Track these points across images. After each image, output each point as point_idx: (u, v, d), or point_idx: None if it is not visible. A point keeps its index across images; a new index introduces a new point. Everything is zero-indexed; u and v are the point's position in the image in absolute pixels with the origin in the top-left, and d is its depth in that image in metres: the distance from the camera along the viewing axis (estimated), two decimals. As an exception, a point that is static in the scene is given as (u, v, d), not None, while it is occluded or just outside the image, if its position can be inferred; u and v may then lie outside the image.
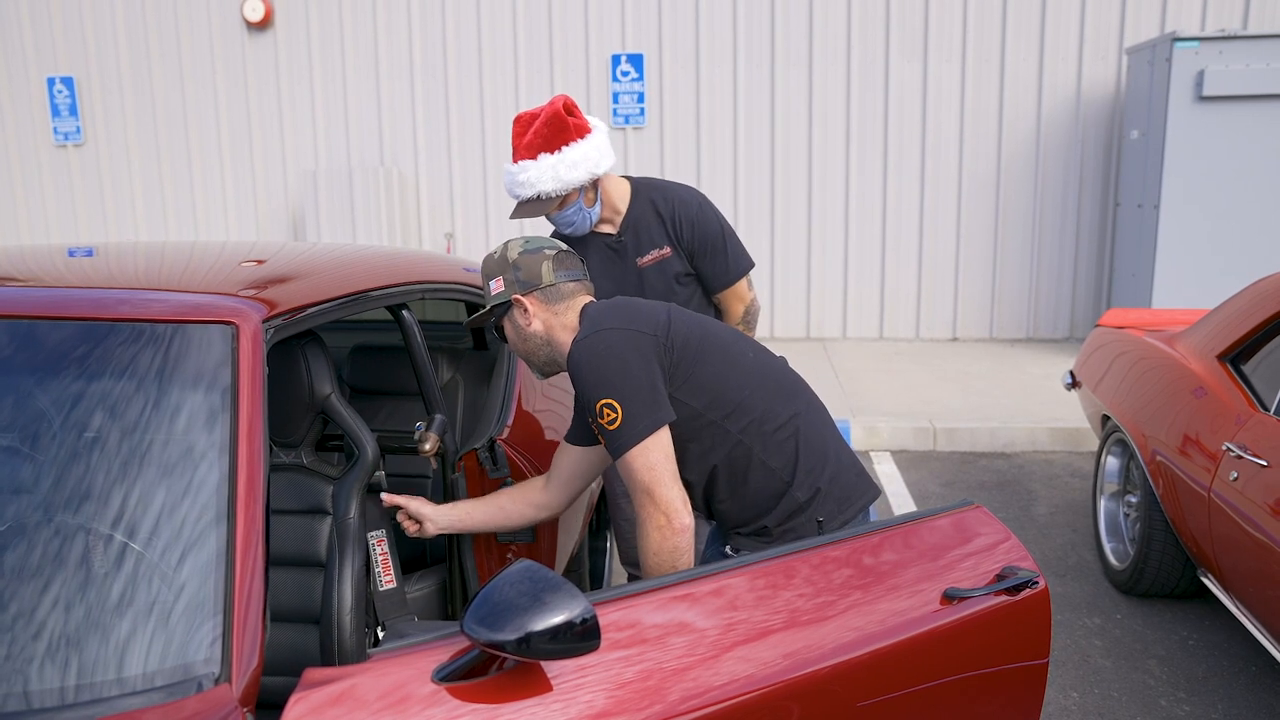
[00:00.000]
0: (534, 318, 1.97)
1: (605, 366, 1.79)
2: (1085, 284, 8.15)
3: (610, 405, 1.76)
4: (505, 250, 2.00)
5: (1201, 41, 6.53)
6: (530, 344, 2.00)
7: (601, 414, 1.77)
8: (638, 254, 2.51)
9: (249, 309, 1.61)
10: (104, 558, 1.35)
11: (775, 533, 1.93)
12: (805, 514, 1.92)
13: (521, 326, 1.98)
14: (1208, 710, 2.94)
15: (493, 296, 2.00)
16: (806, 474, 1.91)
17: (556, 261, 1.98)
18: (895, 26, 7.98)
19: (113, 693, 1.25)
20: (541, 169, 2.33)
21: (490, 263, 2.00)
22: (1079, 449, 5.55)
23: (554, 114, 2.35)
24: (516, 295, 1.96)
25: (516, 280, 1.97)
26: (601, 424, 1.78)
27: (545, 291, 1.96)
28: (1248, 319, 3.20)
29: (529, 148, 2.35)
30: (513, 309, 1.99)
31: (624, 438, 1.77)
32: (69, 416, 1.47)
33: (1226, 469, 2.91)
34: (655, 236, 2.50)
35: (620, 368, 1.79)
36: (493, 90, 8.47)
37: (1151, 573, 3.52)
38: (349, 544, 1.96)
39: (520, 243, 2.00)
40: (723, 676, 1.48)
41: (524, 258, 1.97)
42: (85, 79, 8.93)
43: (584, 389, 1.81)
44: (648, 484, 1.77)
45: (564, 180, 2.35)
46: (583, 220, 2.47)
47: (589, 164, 2.37)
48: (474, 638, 1.27)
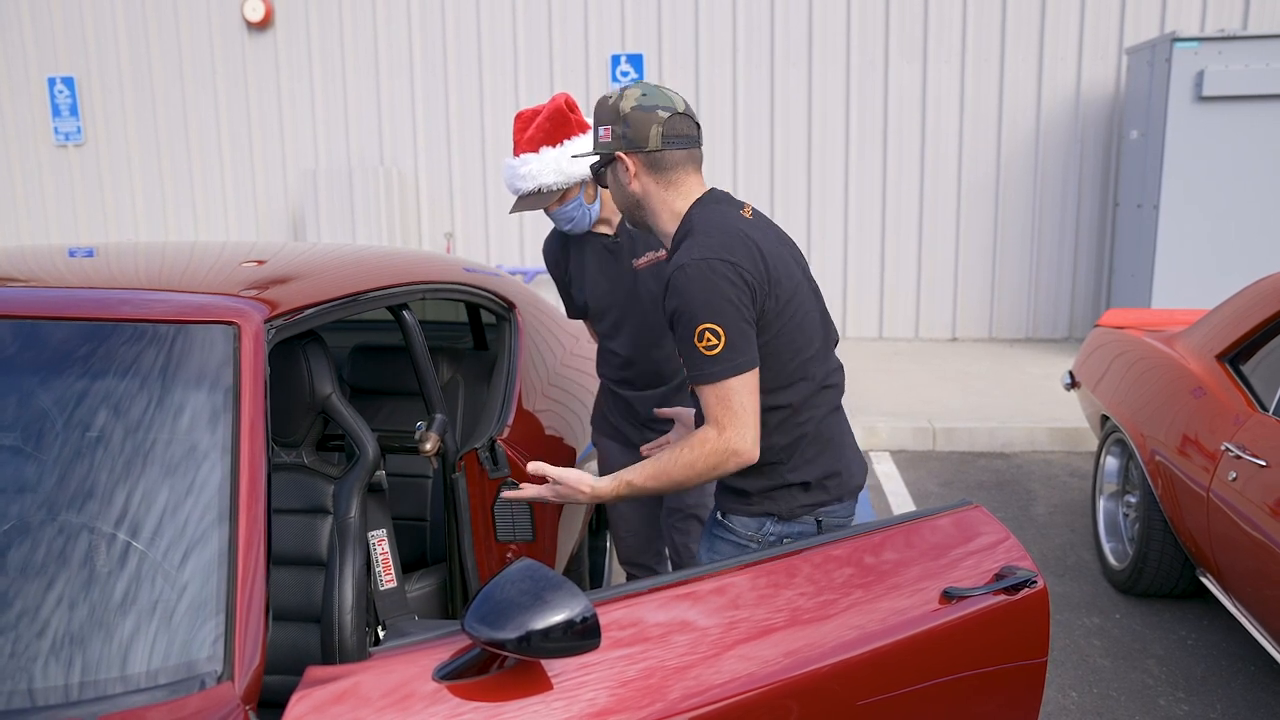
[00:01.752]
0: (635, 179, 1.90)
1: (718, 294, 1.75)
2: (1085, 284, 8.16)
3: (714, 331, 1.74)
4: (620, 99, 1.88)
5: (1201, 42, 6.54)
6: (626, 200, 1.95)
7: (701, 337, 1.74)
8: (634, 255, 2.51)
9: (251, 309, 1.62)
10: (107, 557, 1.36)
11: (755, 499, 1.94)
12: (790, 490, 1.93)
13: (622, 183, 1.93)
14: (1206, 710, 2.95)
15: (599, 144, 1.92)
16: (805, 462, 1.92)
17: (668, 125, 1.87)
18: (895, 27, 7.98)
19: (116, 690, 1.25)
20: (544, 162, 2.34)
21: (603, 107, 1.91)
22: (1078, 449, 5.56)
23: (556, 109, 2.37)
24: (620, 153, 1.89)
25: (624, 136, 1.87)
26: (698, 347, 1.75)
27: (650, 156, 1.88)
28: (1247, 319, 3.21)
29: (531, 141, 2.36)
30: (615, 162, 1.92)
31: (719, 366, 1.75)
32: (72, 416, 1.47)
33: (1225, 469, 2.91)
34: (651, 239, 2.50)
35: (732, 299, 1.76)
36: (492, 90, 8.48)
37: (1150, 572, 3.53)
38: (350, 543, 1.97)
39: (637, 93, 1.88)
40: (724, 675, 1.48)
41: (635, 114, 1.86)
42: (86, 79, 8.94)
43: (688, 307, 1.75)
44: (723, 419, 1.76)
45: (566, 173, 2.35)
46: (583, 216, 2.47)
47: (591, 158, 2.37)
48: (475, 636, 1.27)
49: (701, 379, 1.76)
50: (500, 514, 2.38)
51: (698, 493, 2.61)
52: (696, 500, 2.63)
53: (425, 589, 2.45)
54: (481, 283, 2.62)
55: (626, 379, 2.61)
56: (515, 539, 2.38)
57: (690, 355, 1.77)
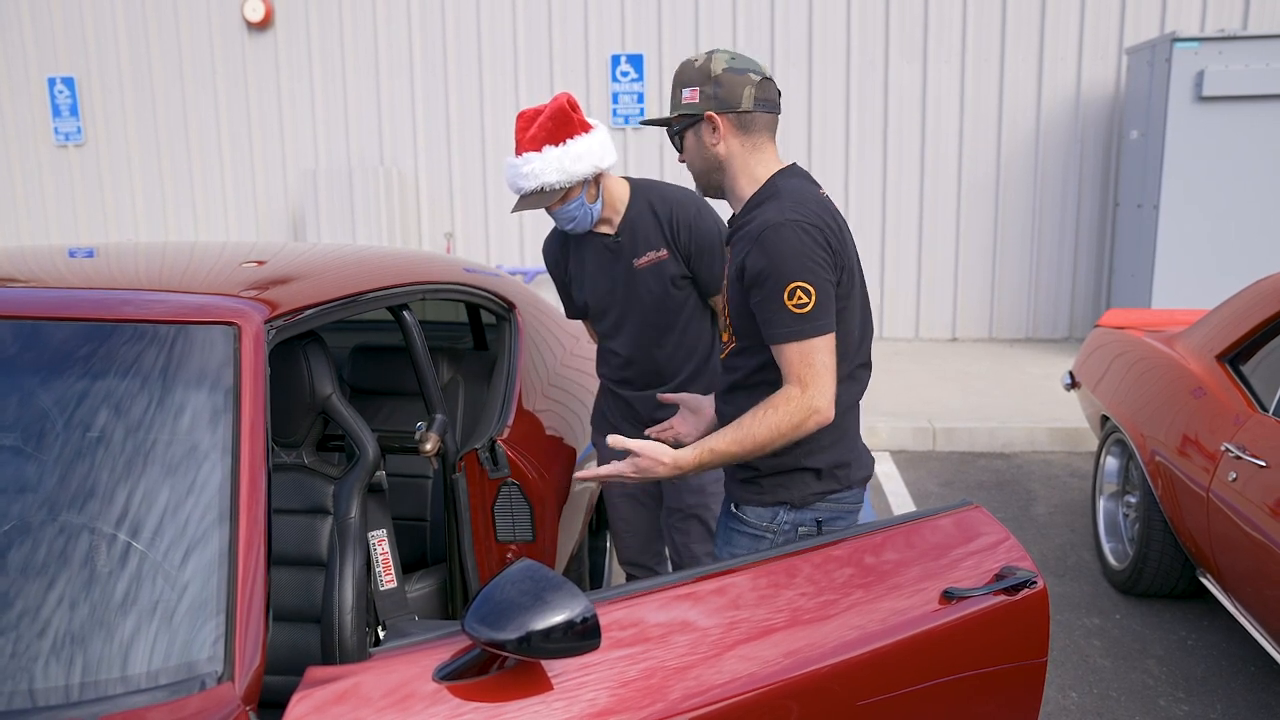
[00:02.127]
0: (722, 140, 1.91)
1: (810, 254, 1.78)
2: (1085, 284, 8.16)
3: (805, 289, 1.77)
4: (710, 61, 1.90)
5: (1201, 42, 6.54)
6: (706, 163, 1.95)
7: (793, 295, 1.76)
8: (634, 255, 2.50)
9: (251, 310, 1.62)
10: (108, 557, 1.36)
11: (767, 487, 1.95)
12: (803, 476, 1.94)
13: (706, 144, 1.92)
14: (1206, 710, 2.95)
15: (683, 104, 1.92)
16: (820, 449, 1.93)
17: (759, 88, 1.90)
18: (895, 27, 7.99)
19: (117, 690, 1.25)
20: (546, 161, 2.33)
21: (689, 69, 1.92)
22: (1078, 449, 5.56)
23: (558, 108, 2.37)
24: (711, 113, 1.90)
25: (714, 96, 1.89)
26: (788, 305, 1.77)
27: (741, 117, 1.90)
28: (1246, 319, 3.21)
29: (533, 140, 2.35)
30: (701, 124, 1.92)
31: (808, 325, 1.77)
32: (72, 417, 1.48)
33: (1225, 469, 2.91)
34: (652, 238, 2.50)
35: (821, 262, 1.80)
36: (492, 90, 8.48)
37: (1150, 573, 3.53)
38: (350, 543, 1.97)
39: (726, 57, 1.91)
40: (724, 675, 1.48)
41: (727, 75, 1.89)
42: (86, 79, 8.94)
43: (781, 265, 1.77)
44: (806, 377, 1.78)
45: (568, 172, 2.34)
46: (584, 216, 2.47)
47: (593, 158, 2.37)
48: (475, 636, 1.27)
49: (789, 336, 1.78)
50: (500, 514, 2.38)
51: (698, 493, 2.61)
52: (697, 501, 2.63)
53: (425, 589, 2.45)
54: (481, 283, 2.62)
55: (626, 379, 2.61)
56: (515, 539, 2.38)
57: (777, 313, 1.78)
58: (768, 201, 1.87)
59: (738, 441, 1.81)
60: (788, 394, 1.79)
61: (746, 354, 1.94)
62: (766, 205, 1.86)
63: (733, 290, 1.92)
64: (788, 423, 1.78)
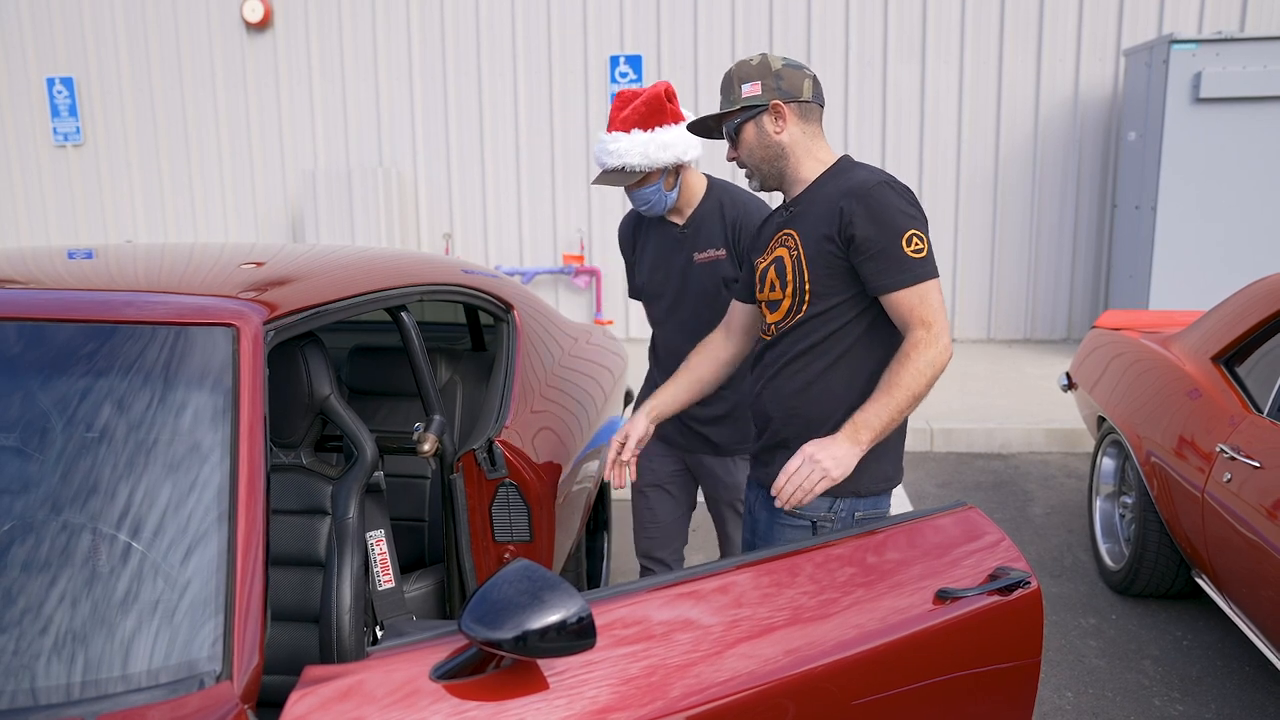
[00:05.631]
0: (786, 128, 2.03)
1: (916, 209, 1.94)
2: (1083, 285, 8.17)
3: (919, 236, 1.90)
4: (766, 59, 2.04)
5: (1199, 43, 6.55)
6: (768, 152, 2.05)
7: (910, 242, 1.89)
8: (696, 248, 2.60)
9: (250, 311, 1.63)
10: (108, 557, 1.37)
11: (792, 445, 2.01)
12: (879, 464, 2.02)
13: (769, 133, 2.04)
14: (1201, 710, 2.96)
15: (745, 98, 2.03)
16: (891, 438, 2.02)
17: (815, 83, 2.06)
18: (893, 28, 8.00)
19: (117, 689, 1.26)
20: (633, 143, 2.44)
21: (747, 67, 2.04)
22: (1075, 450, 5.57)
23: (655, 96, 2.47)
24: (776, 101, 2.01)
25: (777, 88, 2.02)
26: (906, 251, 1.88)
27: (802, 106, 2.03)
28: (1241, 321, 3.22)
29: (625, 121, 2.46)
30: (763, 114, 2.03)
31: (928, 267, 1.90)
32: (72, 418, 1.48)
33: (1220, 470, 2.93)
34: (715, 237, 2.59)
35: (923, 217, 1.95)
36: (491, 91, 8.49)
37: (1146, 573, 3.54)
38: (348, 544, 1.98)
39: (781, 57, 2.06)
40: (724, 673, 1.50)
41: (787, 69, 2.03)
42: (85, 79, 8.95)
43: (894, 218, 1.89)
44: (930, 318, 1.88)
45: (651, 158, 2.45)
46: (659, 202, 2.57)
47: (677, 149, 2.48)
48: (472, 636, 1.28)
49: (911, 279, 1.88)
50: (498, 514, 2.39)
51: (733, 489, 2.73)
52: (732, 496, 2.74)
53: (423, 589, 2.46)
54: (479, 284, 2.63)
55: (670, 368, 2.67)
56: (513, 539, 2.39)
57: (897, 261, 1.89)
58: (855, 170, 2.01)
59: (892, 402, 1.85)
60: (917, 337, 1.87)
61: (819, 320, 2.00)
62: (856, 172, 2.00)
63: (816, 250, 1.98)
64: (929, 362, 1.86)
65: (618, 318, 8.60)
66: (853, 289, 1.96)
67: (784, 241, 2.06)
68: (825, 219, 1.96)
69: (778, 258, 2.07)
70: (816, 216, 1.99)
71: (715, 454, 2.72)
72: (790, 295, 2.02)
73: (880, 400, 1.85)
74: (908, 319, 1.89)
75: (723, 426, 2.69)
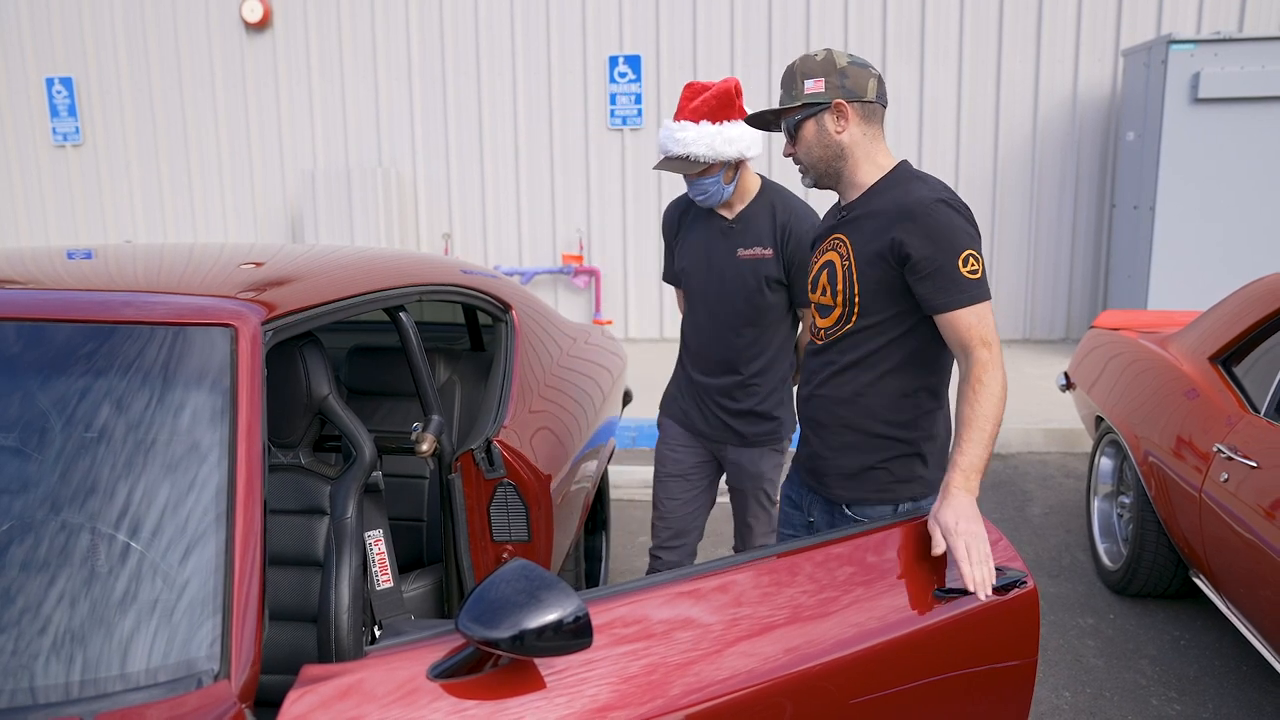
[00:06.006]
0: (848, 127, 2.00)
1: (972, 227, 1.93)
2: (1081, 285, 8.18)
3: (975, 257, 1.90)
4: (831, 55, 2.00)
5: (1197, 44, 6.56)
6: (827, 151, 2.03)
7: (966, 262, 1.88)
8: (742, 244, 2.65)
9: (248, 311, 1.63)
10: (106, 557, 1.37)
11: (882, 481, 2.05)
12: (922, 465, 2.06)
13: (829, 132, 2.01)
14: (1198, 709, 2.97)
15: (808, 94, 2.00)
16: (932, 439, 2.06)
17: (880, 83, 2.03)
18: (892, 29, 8.00)
19: (116, 688, 1.27)
20: (700, 133, 2.50)
21: (811, 63, 2.01)
22: (1074, 450, 5.58)
23: (725, 90, 2.53)
24: (840, 100, 1.98)
25: (841, 86, 1.98)
26: (961, 272, 1.88)
27: (865, 107, 2.00)
28: (1238, 321, 3.22)
29: (694, 112, 2.52)
30: (825, 112, 2.00)
31: (981, 289, 1.90)
32: (70, 418, 1.49)
33: (1217, 470, 2.93)
34: (763, 236, 2.65)
35: (978, 235, 1.94)
36: (490, 92, 8.49)
37: (1144, 573, 3.55)
38: (346, 543, 1.99)
39: (844, 53, 2.02)
40: (724, 671, 1.50)
41: (852, 68, 1.99)
42: (84, 80, 8.95)
43: (954, 236, 1.89)
44: (989, 337, 1.88)
45: (715, 150, 2.50)
46: (716, 194, 2.61)
47: (741, 144, 2.53)
48: (469, 635, 1.29)
49: (967, 300, 1.88)
50: (496, 514, 2.39)
51: (755, 478, 2.79)
52: (754, 485, 2.81)
53: (422, 589, 2.47)
54: (477, 284, 2.64)
55: (700, 356, 2.77)
56: (511, 539, 2.39)
57: (952, 281, 1.88)
58: (911, 183, 1.98)
59: (980, 435, 1.82)
60: (979, 358, 1.86)
61: (870, 332, 2.01)
62: (912, 185, 1.97)
63: (869, 265, 1.98)
64: (1001, 384, 1.86)
65: (617, 318, 8.61)
66: (902, 304, 1.97)
67: (836, 246, 2.06)
68: (879, 234, 1.95)
69: (829, 262, 2.07)
70: (871, 230, 1.98)
71: (742, 444, 2.77)
72: (841, 304, 2.04)
73: (973, 439, 1.81)
74: (966, 339, 1.88)
75: (751, 419, 2.75)
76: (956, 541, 1.71)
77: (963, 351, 1.89)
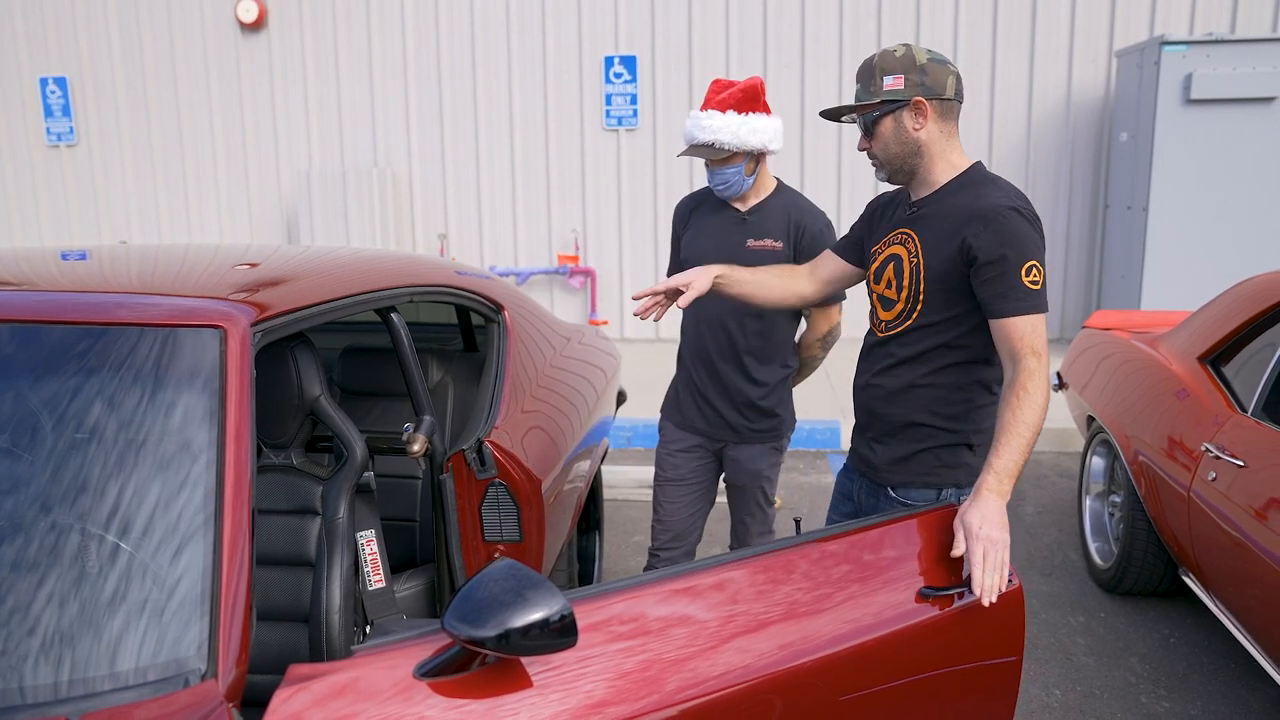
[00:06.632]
0: (926, 125, 2.01)
1: (1041, 237, 1.95)
2: (1075, 285, 8.20)
3: (1039, 268, 1.92)
4: (911, 51, 2.00)
5: (1189, 45, 6.58)
6: (904, 148, 2.03)
7: (1029, 272, 1.91)
8: (753, 236, 2.71)
9: (237, 313, 1.64)
10: (95, 557, 1.38)
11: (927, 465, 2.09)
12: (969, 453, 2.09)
13: (907, 129, 2.01)
14: (1186, 706, 2.98)
15: (886, 91, 2.00)
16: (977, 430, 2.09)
17: (958, 80, 2.02)
18: (886, 29, 8.02)
19: (104, 688, 1.28)
20: (727, 122, 2.58)
21: (891, 59, 2.00)
22: (1067, 449, 5.59)
23: (752, 85, 2.64)
24: (920, 98, 1.98)
25: (921, 84, 1.98)
26: (1024, 281, 1.90)
27: (944, 104, 2.01)
28: (1227, 321, 3.24)
29: (721, 103, 2.61)
30: (904, 109, 2.00)
31: (1040, 299, 1.92)
32: (60, 419, 1.50)
33: (1205, 469, 2.95)
34: (775, 230, 2.71)
35: (1044, 245, 1.96)
36: (486, 92, 8.50)
37: (1134, 572, 3.57)
38: (338, 544, 2.00)
39: (925, 50, 2.02)
40: (719, 667, 1.51)
41: (932, 64, 1.99)
42: (78, 79, 8.94)
43: (1022, 245, 1.91)
44: (1039, 348, 1.89)
45: (741, 140, 2.58)
46: (737, 184, 2.68)
47: (765, 135, 2.62)
48: (455, 634, 1.30)
49: (1026, 309, 1.91)
50: (487, 514, 2.40)
51: (754, 475, 2.83)
52: (752, 482, 2.84)
53: (414, 589, 2.48)
54: (470, 285, 2.65)
55: (702, 346, 2.80)
56: (503, 539, 2.40)
57: (1014, 289, 1.91)
58: (984, 186, 2.00)
59: (1018, 441, 1.83)
60: (1030, 366, 1.87)
61: (932, 329, 2.04)
62: (985, 189, 1.99)
63: (938, 265, 2.00)
64: (1045, 393, 1.87)
65: (613, 318, 8.62)
66: (966, 305, 1.99)
67: (903, 240, 2.09)
68: (950, 236, 1.98)
69: (895, 255, 2.09)
70: (941, 231, 2.00)
71: (741, 441, 2.80)
72: (905, 300, 2.06)
73: (1011, 444, 1.82)
74: (1018, 347, 1.89)
75: (751, 414, 2.77)
76: (975, 545, 1.74)
77: (1011, 358, 1.90)
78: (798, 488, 5.08)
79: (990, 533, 1.74)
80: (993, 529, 1.75)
